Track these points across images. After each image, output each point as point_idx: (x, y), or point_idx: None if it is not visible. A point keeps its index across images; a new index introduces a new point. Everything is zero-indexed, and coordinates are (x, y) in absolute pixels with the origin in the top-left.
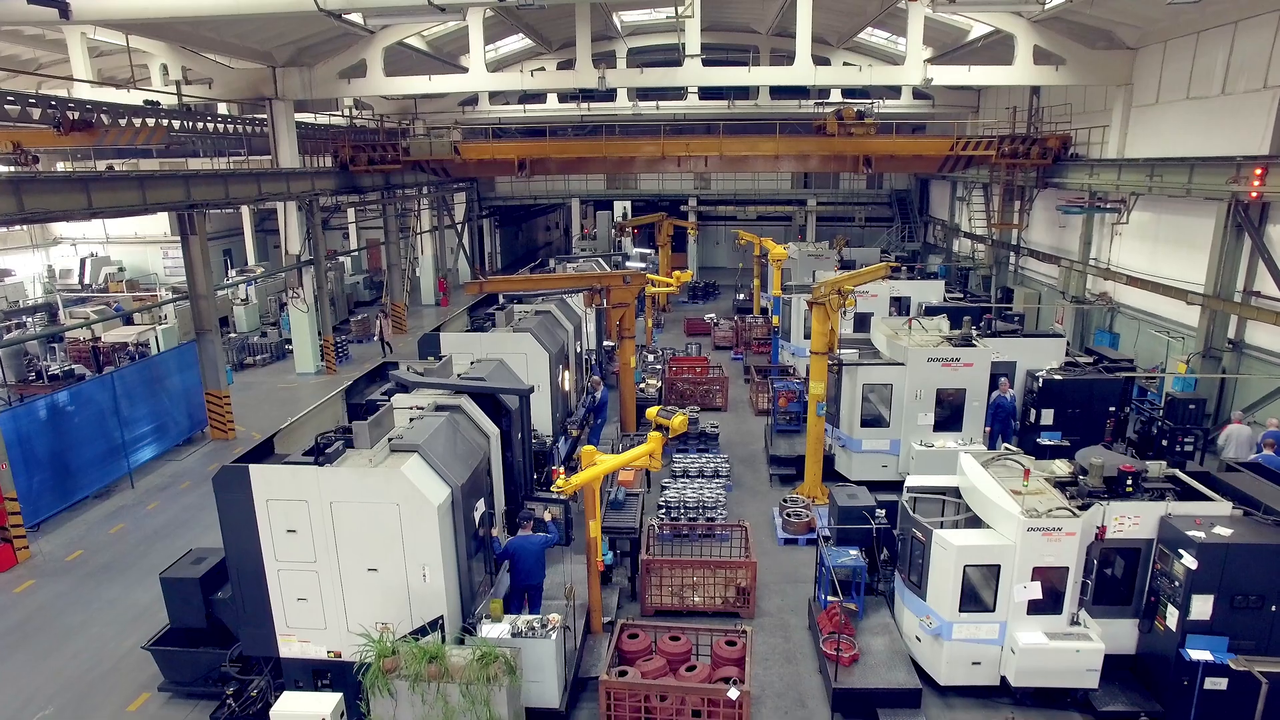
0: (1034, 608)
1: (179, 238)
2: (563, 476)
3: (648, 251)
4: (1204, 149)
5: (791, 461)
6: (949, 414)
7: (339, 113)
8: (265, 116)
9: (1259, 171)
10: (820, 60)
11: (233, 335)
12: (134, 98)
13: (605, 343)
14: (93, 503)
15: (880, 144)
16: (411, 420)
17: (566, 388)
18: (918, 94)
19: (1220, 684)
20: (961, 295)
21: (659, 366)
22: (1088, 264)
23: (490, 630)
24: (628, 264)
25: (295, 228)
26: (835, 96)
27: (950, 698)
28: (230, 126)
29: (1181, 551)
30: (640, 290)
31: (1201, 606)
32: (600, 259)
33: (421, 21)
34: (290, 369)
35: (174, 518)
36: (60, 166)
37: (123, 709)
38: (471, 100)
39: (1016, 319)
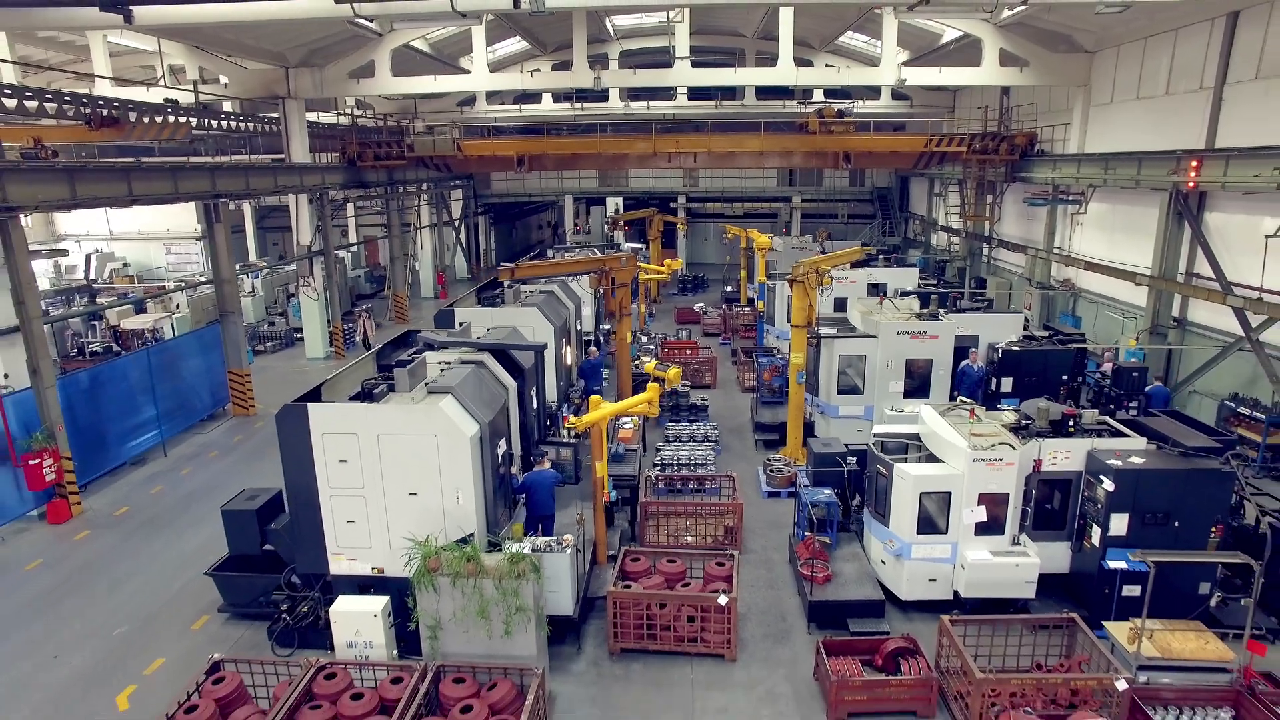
0: (980, 529)
1: (200, 228)
2: (573, 418)
3: (639, 246)
4: (1151, 144)
5: (775, 428)
6: (918, 383)
7: (341, 111)
8: (274, 115)
9: (1195, 164)
10: (803, 62)
11: (242, 325)
12: (154, 96)
13: (602, 326)
14: (130, 468)
15: (859, 141)
16: (442, 370)
17: (569, 361)
18: (896, 94)
19: (1135, 591)
20: (936, 283)
21: (652, 347)
22: (1052, 253)
23: (512, 548)
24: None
25: (306, 220)
26: (818, 96)
27: (911, 612)
28: (244, 124)
29: (1102, 477)
30: (634, 274)
31: (1119, 524)
32: (595, 248)
33: (439, 25)
34: (300, 354)
35: (206, 481)
36: None
37: (187, 628)
38: (469, 100)
39: (986, 302)
